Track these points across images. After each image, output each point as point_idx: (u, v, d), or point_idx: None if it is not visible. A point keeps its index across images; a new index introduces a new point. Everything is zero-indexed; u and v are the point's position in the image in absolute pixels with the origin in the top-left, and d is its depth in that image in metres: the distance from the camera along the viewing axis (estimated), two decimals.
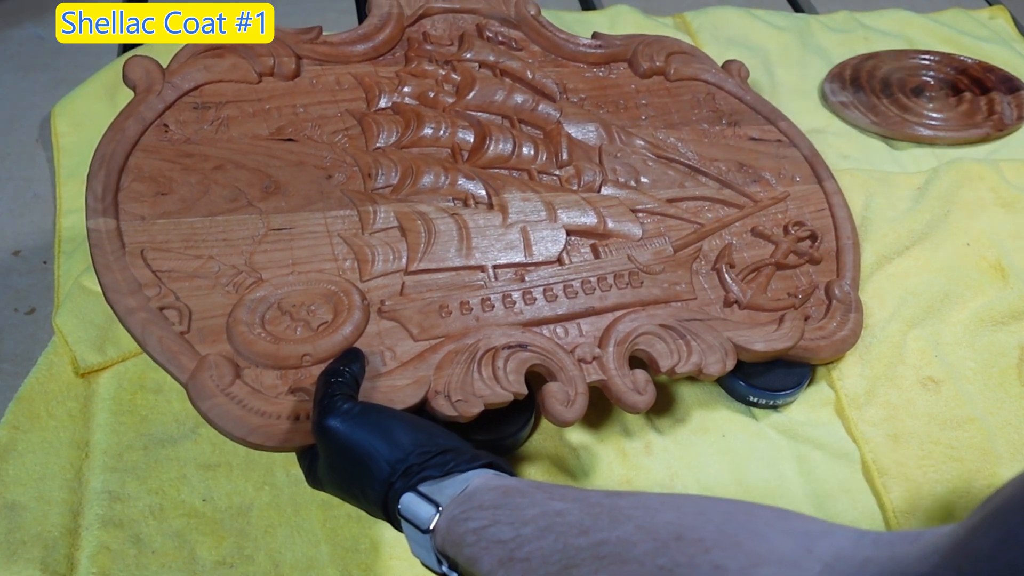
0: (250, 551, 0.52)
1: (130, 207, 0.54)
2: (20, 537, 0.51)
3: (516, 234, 0.59)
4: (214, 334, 0.51)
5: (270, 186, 0.57)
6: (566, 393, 0.53)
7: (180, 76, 0.60)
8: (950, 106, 0.87)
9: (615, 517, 0.37)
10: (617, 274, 0.59)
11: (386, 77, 0.65)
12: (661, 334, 0.56)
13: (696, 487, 0.57)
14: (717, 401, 0.62)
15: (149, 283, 0.51)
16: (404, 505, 0.43)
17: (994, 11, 1.03)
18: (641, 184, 0.64)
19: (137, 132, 0.57)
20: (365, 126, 0.62)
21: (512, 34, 0.71)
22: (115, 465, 0.55)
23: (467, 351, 0.52)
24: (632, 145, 0.67)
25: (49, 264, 0.67)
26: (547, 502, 0.40)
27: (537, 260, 0.58)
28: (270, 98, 0.62)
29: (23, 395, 0.58)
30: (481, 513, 0.40)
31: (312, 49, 0.64)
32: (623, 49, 0.73)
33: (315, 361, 0.51)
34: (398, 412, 0.47)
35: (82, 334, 0.60)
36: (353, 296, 0.53)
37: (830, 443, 0.60)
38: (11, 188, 0.73)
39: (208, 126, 0.58)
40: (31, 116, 0.78)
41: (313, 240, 0.55)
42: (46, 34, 0.87)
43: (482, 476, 0.43)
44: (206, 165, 0.57)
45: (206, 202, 0.55)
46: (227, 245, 0.54)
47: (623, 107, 0.70)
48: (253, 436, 0.48)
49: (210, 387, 0.48)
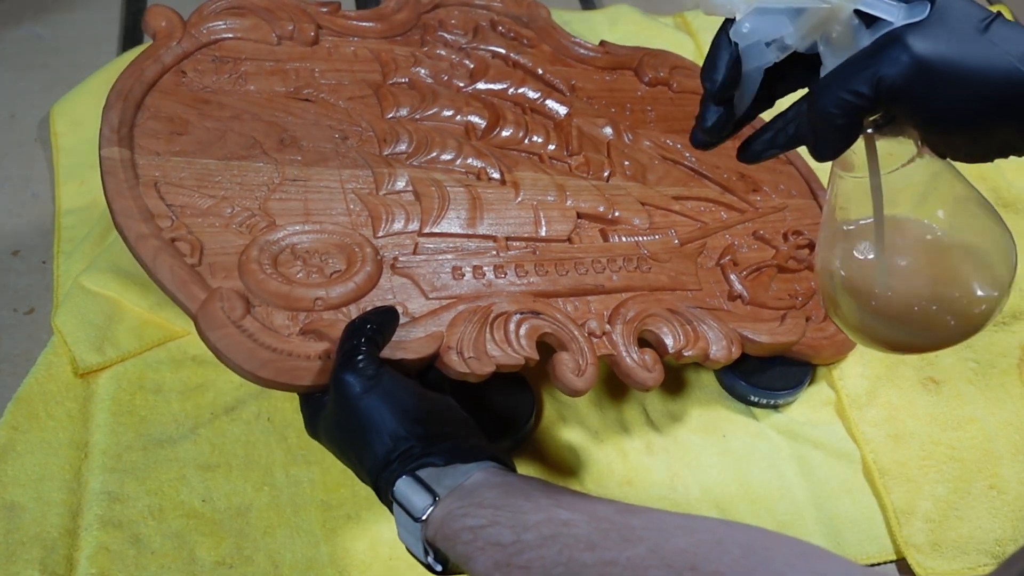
0: (249, 552, 0.52)
1: (145, 142, 0.54)
2: (19, 538, 0.51)
3: (528, 211, 0.59)
4: (225, 270, 0.50)
5: (286, 139, 0.57)
6: (576, 362, 0.52)
7: (200, 28, 0.60)
8: None
9: (626, 537, 0.36)
10: (626, 257, 0.59)
11: (402, 55, 0.65)
12: (668, 318, 0.56)
13: (696, 487, 0.57)
14: (717, 401, 0.62)
15: (162, 215, 0.51)
16: (399, 489, 0.42)
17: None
18: (648, 180, 0.65)
19: (155, 74, 0.57)
20: (381, 96, 0.62)
21: (524, 32, 0.72)
22: (114, 466, 0.55)
23: (480, 312, 0.52)
24: (640, 144, 0.68)
25: (48, 264, 0.67)
26: (552, 509, 0.39)
27: (548, 237, 0.58)
28: (288, 60, 0.62)
29: (22, 395, 0.57)
30: (481, 511, 0.39)
31: (331, 20, 0.65)
32: (628, 58, 0.74)
33: (327, 307, 0.50)
34: (415, 386, 0.46)
35: (81, 334, 0.59)
36: (366, 249, 0.53)
37: (831, 443, 0.60)
38: (10, 188, 0.72)
39: (226, 77, 0.59)
40: (30, 116, 0.78)
41: (328, 194, 0.55)
42: (45, 33, 0.87)
43: (485, 470, 0.42)
44: (223, 113, 0.57)
45: (221, 146, 0.55)
46: (241, 188, 0.53)
47: (630, 110, 0.71)
48: (264, 371, 0.46)
49: (220, 317, 0.47)
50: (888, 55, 0.35)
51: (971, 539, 0.55)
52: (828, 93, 0.36)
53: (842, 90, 0.36)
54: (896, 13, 0.36)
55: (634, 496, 0.57)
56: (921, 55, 0.35)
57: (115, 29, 0.88)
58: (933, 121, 0.36)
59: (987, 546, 0.55)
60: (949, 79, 0.35)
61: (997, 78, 0.35)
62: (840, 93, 0.36)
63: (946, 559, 0.54)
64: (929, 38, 0.35)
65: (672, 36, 0.92)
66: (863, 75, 0.35)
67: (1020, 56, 0.35)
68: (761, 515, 0.56)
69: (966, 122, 0.36)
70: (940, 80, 0.35)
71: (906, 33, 0.35)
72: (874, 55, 0.36)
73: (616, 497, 0.56)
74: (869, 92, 0.35)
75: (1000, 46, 0.35)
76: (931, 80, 0.35)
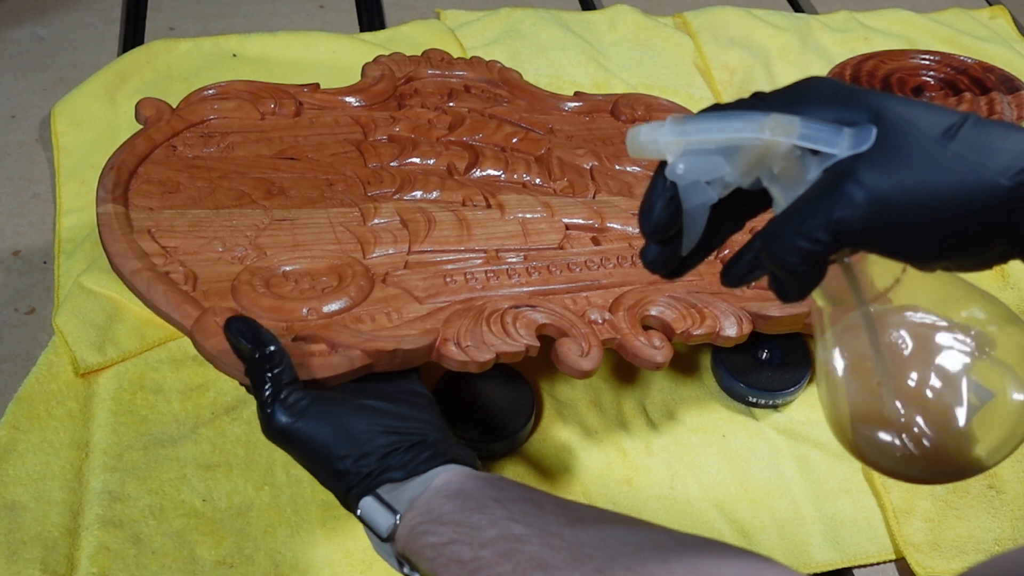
0: (250, 551, 0.52)
1: (139, 200, 0.56)
2: (20, 537, 0.51)
3: (516, 225, 0.59)
4: (219, 295, 0.51)
5: (274, 190, 0.59)
6: (580, 345, 0.52)
7: (188, 111, 0.64)
8: (950, 106, 0.87)
9: (575, 555, 0.37)
10: (620, 256, 0.59)
11: (381, 117, 0.68)
12: (671, 303, 0.56)
13: (696, 487, 0.57)
14: (717, 401, 0.62)
15: (155, 253, 0.53)
16: (363, 510, 0.42)
17: (994, 11, 1.03)
18: (635, 195, 0.65)
19: (147, 148, 0.60)
20: (363, 150, 0.65)
21: (498, 91, 0.75)
22: (115, 465, 0.55)
23: (474, 310, 0.52)
24: (624, 169, 0.68)
25: (49, 264, 0.67)
26: (506, 523, 0.39)
27: (538, 246, 0.58)
28: (272, 130, 0.65)
29: (23, 395, 0.58)
30: (441, 528, 0.40)
31: (311, 96, 0.69)
32: (603, 103, 0.76)
33: (320, 317, 0.51)
34: (354, 398, 0.45)
35: (82, 334, 0.60)
36: (357, 267, 0.54)
37: (830, 442, 0.60)
38: (11, 188, 0.73)
39: (214, 149, 0.62)
40: (31, 116, 0.78)
41: (317, 229, 0.57)
42: (46, 34, 0.87)
43: (442, 477, 0.43)
44: (212, 174, 0.60)
45: (212, 199, 0.57)
46: (232, 230, 0.55)
47: (610, 143, 0.71)
48: None
49: (214, 327, 0.48)
50: (841, 194, 0.30)
51: (970, 538, 0.55)
52: (781, 240, 0.31)
53: (796, 237, 0.31)
54: (839, 143, 0.31)
55: (633, 496, 0.57)
56: (876, 192, 0.30)
57: (116, 29, 0.89)
58: (909, 255, 0.31)
59: (986, 545, 0.55)
60: (916, 211, 0.30)
61: (974, 197, 0.29)
62: (795, 240, 0.31)
63: (945, 558, 0.55)
64: (884, 167, 0.30)
65: (672, 36, 0.92)
66: (817, 219, 0.30)
67: (1001, 167, 0.29)
68: (761, 515, 0.56)
69: (946, 252, 0.31)
70: (906, 214, 0.30)
71: (857, 165, 0.30)
72: (825, 195, 0.30)
73: (616, 497, 0.57)
74: (828, 238, 0.30)
75: (971, 157, 0.29)
76: (895, 217, 0.30)
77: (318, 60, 0.84)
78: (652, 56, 0.90)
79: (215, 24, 0.90)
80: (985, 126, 0.30)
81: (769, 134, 0.31)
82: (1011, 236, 0.30)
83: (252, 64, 0.83)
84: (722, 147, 0.33)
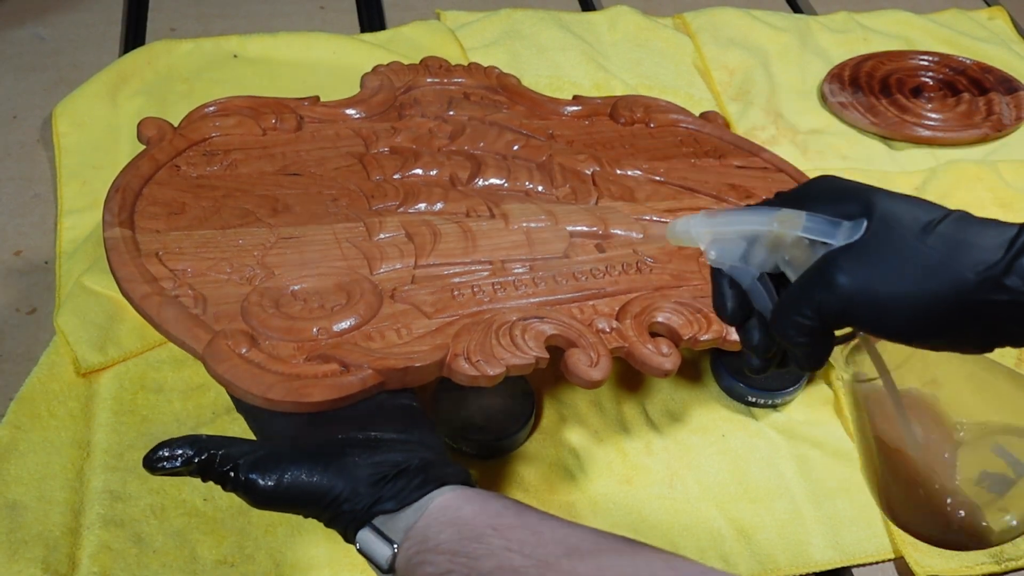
0: (251, 550, 0.52)
1: (145, 223, 0.56)
2: (21, 536, 0.51)
3: (520, 235, 0.59)
4: (229, 317, 0.51)
5: (279, 207, 0.60)
6: (589, 356, 0.52)
7: (190, 130, 0.65)
8: (949, 107, 0.87)
9: None
10: (625, 263, 0.59)
11: (382, 128, 0.69)
12: (677, 309, 0.56)
13: (696, 486, 0.57)
14: (716, 401, 0.62)
15: (164, 277, 0.53)
16: (361, 544, 0.42)
17: (993, 12, 1.03)
18: (637, 198, 0.65)
19: (151, 169, 0.61)
20: (366, 163, 0.65)
21: (497, 98, 0.75)
22: (116, 464, 0.55)
23: (483, 323, 0.53)
24: (626, 172, 0.68)
25: (50, 264, 0.67)
26: (503, 554, 0.39)
27: (543, 255, 0.59)
28: (275, 145, 0.65)
29: (24, 395, 0.58)
30: (438, 558, 0.40)
31: (311, 110, 0.69)
32: (602, 106, 0.76)
33: (331, 336, 0.51)
34: (332, 433, 0.45)
35: (83, 334, 0.60)
36: (364, 284, 0.54)
37: (829, 442, 0.60)
38: (12, 188, 0.73)
39: (218, 167, 0.62)
40: (32, 116, 0.79)
41: (323, 246, 0.57)
42: (47, 34, 0.87)
43: (437, 503, 0.42)
44: (216, 193, 0.60)
45: (218, 219, 0.58)
46: (239, 250, 0.56)
47: (611, 147, 0.72)
48: (273, 392, 0.46)
49: (226, 351, 0.48)
50: (824, 280, 0.34)
51: None
52: (780, 318, 0.36)
53: (793, 313, 0.35)
54: (836, 234, 0.34)
55: (633, 496, 0.57)
56: (854, 279, 0.33)
57: (117, 29, 0.89)
58: (890, 336, 0.34)
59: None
60: (887, 298, 0.32)
61: (939, 290, 0.31)
62: (792, 316, 0.35)
63: (944, 557, 0.55)
64: (864, 258, 0.33)
65: (671, 37, 0.93)
66: (805, 301, 0.34)
67: (972, 262, 0.31)
68: (760, 514, 0.56)
69: (924, 335, 0.33)
70: (878, 301, 0.33)
71: (841, 256, 0.34)
72: (812, 279, 0.34)
73: (616, 497, 0.57)
74: (814, 316, 0.34)
75: (946, 253, 0.32)
76: (869, 303, 0.33)
77: (319, 61, 0.84)
78: (652, 57, 0.91)
79: (216, 25, 0.90)
80: (966, 222, 0.33)
81: (778, 226, 0.36)
82: (988, 325, 0.32)
83: (253, 65, 0.83)
84: (745, 235, 0.37)
